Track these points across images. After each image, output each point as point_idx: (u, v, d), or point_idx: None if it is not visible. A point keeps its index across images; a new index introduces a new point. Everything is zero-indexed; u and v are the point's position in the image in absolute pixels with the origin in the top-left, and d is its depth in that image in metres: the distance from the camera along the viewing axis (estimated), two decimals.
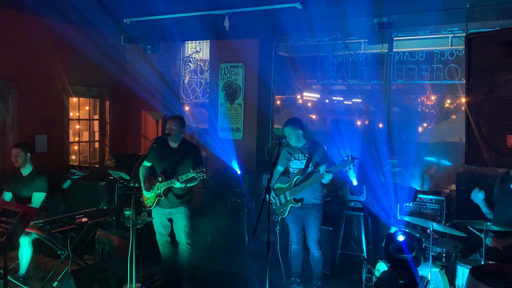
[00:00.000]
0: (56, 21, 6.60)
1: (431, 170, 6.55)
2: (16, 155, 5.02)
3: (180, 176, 4.29)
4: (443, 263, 4.29)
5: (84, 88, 7.41)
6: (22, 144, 5.22)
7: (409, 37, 6.18)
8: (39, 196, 5.00)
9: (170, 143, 4.53)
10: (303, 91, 8.30)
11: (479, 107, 2.86)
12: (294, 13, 6.00)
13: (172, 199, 4.52)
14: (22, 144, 5.19)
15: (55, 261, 5.16)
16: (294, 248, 4.79)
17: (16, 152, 5.02)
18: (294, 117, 4.83)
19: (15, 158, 5.03)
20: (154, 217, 4.61)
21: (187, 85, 7.86)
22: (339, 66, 6.52)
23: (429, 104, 8.73)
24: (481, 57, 2.86)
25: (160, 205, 4.55)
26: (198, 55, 7.79)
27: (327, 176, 4.41)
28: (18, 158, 5.02)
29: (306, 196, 4.57)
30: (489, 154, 2.78)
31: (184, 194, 4.55)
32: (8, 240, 3.51)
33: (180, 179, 4.28)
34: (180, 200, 4.54)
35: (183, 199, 4.55)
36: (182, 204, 4.55)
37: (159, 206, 4.55)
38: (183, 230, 4.56)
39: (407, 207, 5.27)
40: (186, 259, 4.63)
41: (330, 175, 4.41)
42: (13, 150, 5.09)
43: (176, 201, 4.52)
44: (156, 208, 4.57)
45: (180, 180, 4.28)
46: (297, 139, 4.56)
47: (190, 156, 4.51)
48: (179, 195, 4.52)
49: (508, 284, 2.69)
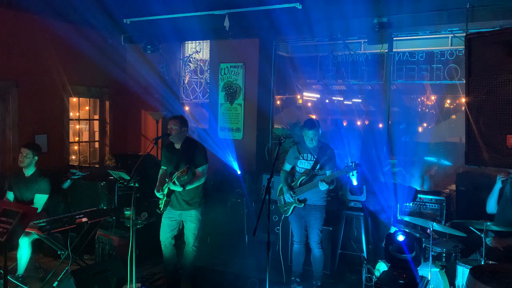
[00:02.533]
0: (56, 21, 6.60)
1: (431, 170, 6.55)
2: (25, 155, 4.98)
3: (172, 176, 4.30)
4: (443, 263, 4.28)
5: (84, 88, 7.41)
6: (33, 145, 5.18)
7: (409, 37, 6.18)
8: (41, 198, 4.98)
9: (174, 144, 4.56)
10: (303, 91, 8.29)
11: (479, 107, 2.86)
12: (294, 13, 6.00)
13: (181, 202, 4.52)
14: (32, 146, 5.15)
15: (55, 261, 5.16)
16: (296, 248, 4.79)
17: (26, 153, 4.99)
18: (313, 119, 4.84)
19: (23, 158, 4.98)
20: (164, 217, 4.62)
21: (187, 85, 7.86)
22: (339, 66, 6.52)
23: (429, 104, 8.73)
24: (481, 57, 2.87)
25: (171, 206, 4.57)
26: (198, 55, 7.79)
27: (322, 185, 4.38)
28: (26, 158, 4.99)
29: (310, 197, 4.58)
30: (489, 154, 2.79)
31: (193, 197, 4.54)
32: (8, 240, 3.50)
33: (172, 178, 4.29)
34: (190, 203, 4.54)
35: (192, 201, 4.55)
36: (193, 207, 4.55)
37: (171, 207, 4.57)
38: (192, 233, 4.58)
39: (407, 207, 5.27)
40: (190, 260, 4.64)
41: (324, 186, 4.38)
42: (23, 149, 5.03)
43: (185, 204, 4.53)
44: (168, 209, 4.58)
45: (172, 181, 4.29)
46: (316, 141, 4.56)
47: (192, 156, 4.50)
48: (187, 197, 4.51)
49: (508, 284, 2.69)
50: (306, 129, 4.53)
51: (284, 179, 4.73)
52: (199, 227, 4.60)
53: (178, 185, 4.31)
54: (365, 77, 6.44)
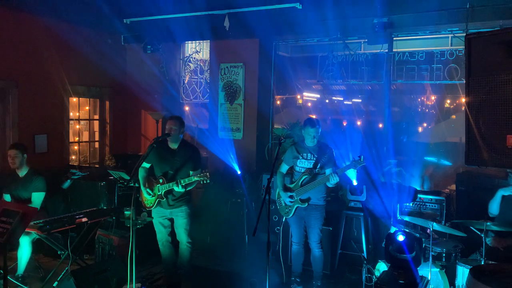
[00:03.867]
0: (56, 21, 6.60)
1: (431, 170, 6.55)
2: (14, 156, 4.98)
3: (183, 180, 4.30)
4: (443, 263, 4.28)
5: (84, 88, 7.41)
6: (18, 145, 5.18)
7: (409, 37, 6.18)
8: (39, 196, 4.99)
9: (169, 144, 4.53)
10: (303, 91, 8.29)
11: (479, 107, 2.86)
12: (294, 13, 6.00)
13: (172, 200, 4.53)
14: (18, 146, 5.14)
15: (55, 261, 5.16)
16: (294, 248, 4.79)
17: (14, 153, 4.99)
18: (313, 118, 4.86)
19: (13, 159, 4.99)
20: (154, 217, 4.62)
21: (187, 85, 7.86)
22: (339, 66, 6.52)
23: (429, 104, 8.73)
24: (481, 57, 2.87)
25: (160, 205, 4.56)
26: (198, 55, 7.79)
27: (333, 178, 4.39)
28: (16, 159, 4.99)
29: (312, 196, 4.59)
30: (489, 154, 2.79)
31: (184, 194, 4.56)
32: (8, 240, 3.50)
33: (183, 183, 4.29)
34: (180, 200, 4.55)
35: (183, 198, 4.56)
36: (183, 203, 4.56)
37: (160, 206, 4.56)
38: (184, 229, 4.58)
39: (407, 207, 5.27)
40: (187, 258, 4.64)
41: (336, 178, 4.40)
42: (10, 151, 5.03)
43: (176, 201, 4.54)
44: (157, 208, 4.58)
45: (181, 184, 4.29)
46: (317, 139, 4.58)
47: (190, 158, 4.52)
48: (178, 195, 4.53)
49: (508, 284, 2.69)
50: (309, 126, 4.53)
51: (281, 182, 4.73)
52: (190, 222, 4.61)
53: (180, 187, 4.32)
54: (365, 77, 6.44)
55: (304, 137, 4.64)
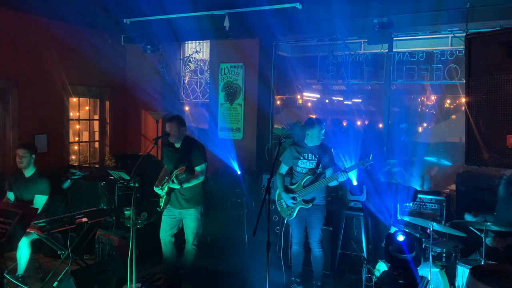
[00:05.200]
0: (56, 21, 6.60)
1: (431, 170, 6.54)
2: (22, 156, 4.96)
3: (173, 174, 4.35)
4: (443, 263, 4.28)
5: (84, 88, 7.41)
6: (28, 145, 5.18)
7: (409, 37, 6.18)
8: (41, 199, 4.97)
9: (174, 144, 4.59)
10: (303, 91, 8.29)
11: (479, 107, 2.86)
12: (294, 13, 5.99)
13: (180, 200, 4.55)
14: (28, 146, 5.14)
15: (55, 261, 5.16)
16: (294, 249, 4.79)
17: (22, 153, 4.97)
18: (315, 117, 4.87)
19: (20, 158, 4.96)
20: (164, 215, 4.64)
21: (187, 85, 7.86)
22: (339, 66, 6.52)
23: (429, 104, 8.72)
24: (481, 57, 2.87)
25: (171, 205, 4.60)
26: (198, 55, 7.79)
27: (342, 177, 4.40)
28: (23, 159, 4.97)
29: (316, 195, 4.58)
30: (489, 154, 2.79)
31: (192, 196, 4.56)
32: (8, 241, 3.49)
33: (172, 177, 4.34)
34: (189, 202, 4.56)
35: (192, 200, 4.57)
36: (192, 206, 4.58)
37: (170, 205, 4.60)
38: (191, 232, 4.61)
39: (407, 207, 5.27)
40: (191, 259, 4.66)
41: (345, 176, 4.40)
42: (19, 150, 5.02)
43: (184, 202, 4.55)
44: (168, 207, 4.61)
45: (172, 179, 4.34)
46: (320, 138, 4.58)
47: (189, 154, 4.54)
48: (186, 195, 4.54)
49: (508, 284, 2.69)
50: (317, 124, 4.55)
51: (281, 184, 4.72)
52: (198, 226, 4.62)
53: (176, 183, 4.37)
54: (365, 77, 6.45)
55: (308, 137, 4.63)
